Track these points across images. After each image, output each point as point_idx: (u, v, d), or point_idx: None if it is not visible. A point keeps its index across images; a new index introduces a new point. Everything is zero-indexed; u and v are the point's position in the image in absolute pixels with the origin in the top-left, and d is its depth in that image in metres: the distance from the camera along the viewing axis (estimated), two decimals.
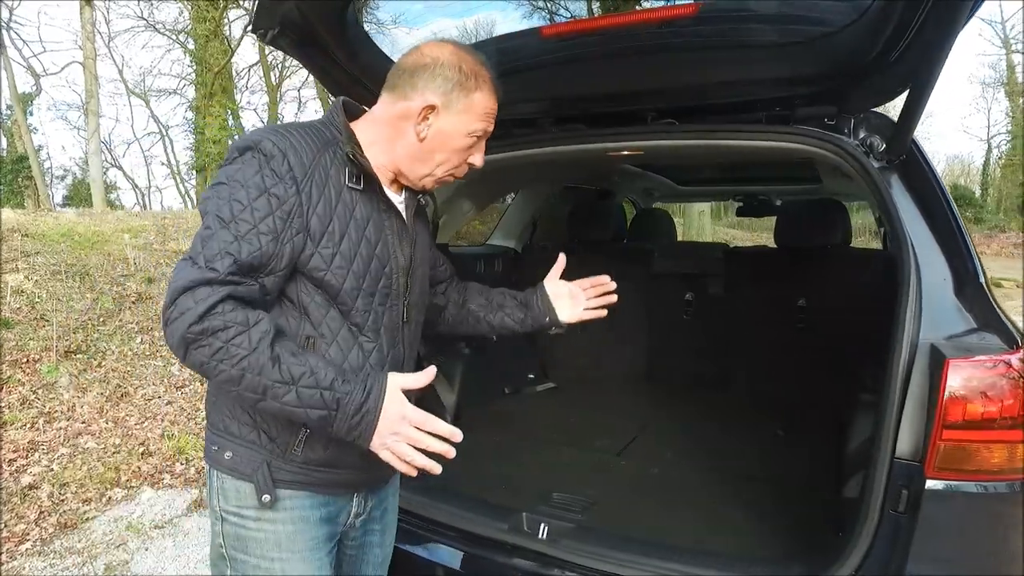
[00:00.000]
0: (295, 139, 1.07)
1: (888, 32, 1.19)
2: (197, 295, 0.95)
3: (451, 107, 1.13)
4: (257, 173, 1.03)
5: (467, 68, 1.14)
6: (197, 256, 0.99)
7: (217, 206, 1.02)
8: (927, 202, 1.32)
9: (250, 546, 1.13)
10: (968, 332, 1.16)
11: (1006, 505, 1.10)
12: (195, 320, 0.94)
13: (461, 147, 1.17)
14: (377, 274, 1.14)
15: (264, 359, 0.96)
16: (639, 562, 1.29)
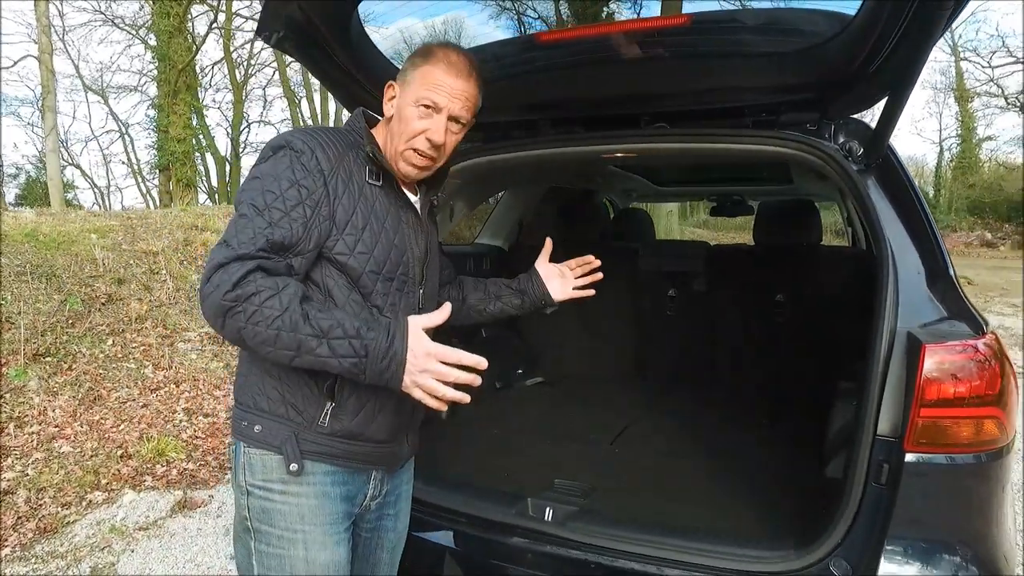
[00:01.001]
0: (322, 138, 1.20)
1: (869, 45, 1.29)
2: (230, 269, 1.04)
3: (404, 83, 1.25)
4: (288, 167, 1.14)
5: (422, 48, 1.27)
6: (231, 239, 1.08)
7: (251, 196, 1.12)
8: (901, 202, 1.44)
9: (275, 518, 1.19)
10: (940, 320, 1.28)
11: (973, 474, 1.22)
12: (229, 288, 1.03)
13: (412, 117, 1.22)
14: (396, 261, 1.23)
15: (296, 316, 1.04)
16: (641, 539, 1.38)
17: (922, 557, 1.20)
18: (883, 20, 1.23)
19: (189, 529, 3.08)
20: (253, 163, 1.23)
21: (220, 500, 3.37)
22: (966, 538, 1.22)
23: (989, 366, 1.19)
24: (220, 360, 5.72)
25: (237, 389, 1.26)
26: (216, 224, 8.18)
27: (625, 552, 1.36)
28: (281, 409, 1.19)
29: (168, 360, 5.51)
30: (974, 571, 1.19)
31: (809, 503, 1.53)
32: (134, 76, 21.54)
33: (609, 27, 1.68)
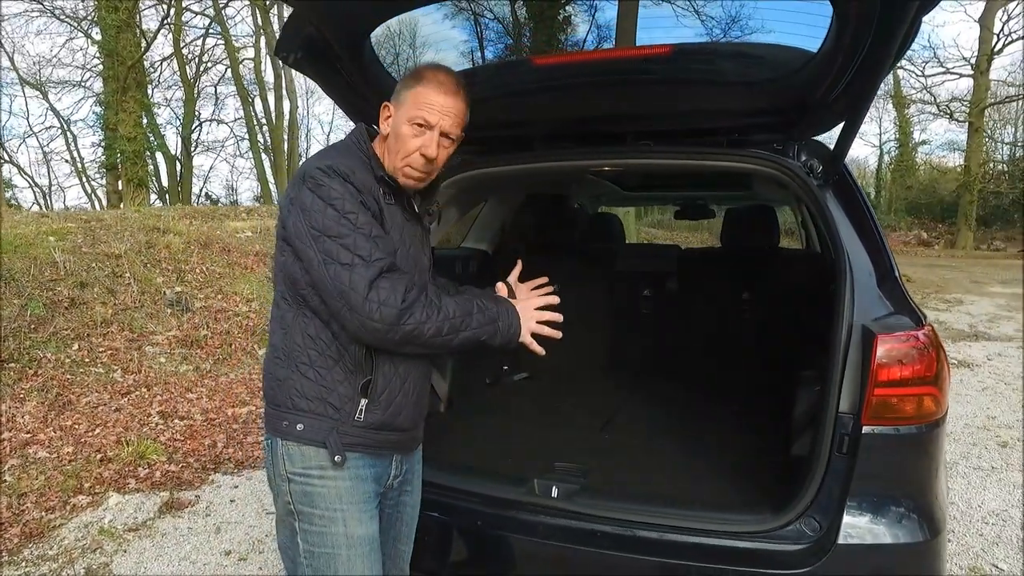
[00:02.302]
0: (346, 162, 1.31)
1: (829, 78, 1.51)
2: (380, 285, 1.21)
3: (398, 104, 1.37)
4: (344, 192, 1.26)
5: (415, 71, 1.38)
6: (354, 259, 1.21)
7: (336, 220, 1.23)
8: (854, 212, 1.67)
9: (316, 500, 1.32)
10: (888, 315, 1.51)
11: (915, 441, 1.47)
12: (400, 301, 1.22)
13: (408, 135, 1.33)
14: (412, 272, 1.36)
15: (452, 309, 1.29)
16: (640, 509, 1.57)
17: (875, 509, 1.44)
18: (841, 57, 1.45)
19: (180, 529, 3.13)
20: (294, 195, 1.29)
21: (207, 500, 3.42)
22: (909, 492, 1.48)
23: (928, 353, 1.43)
24: (190, 363, 5.70)
25: (271, 392, 1.37)
26: (178, 226, 8.07)
27: (627, 521, 1.55)
28: (320, 408, 1.32)
29: (137, 364, 5.46)
30: (915, 516, 1.45)
31: (779, 476, 1.76)
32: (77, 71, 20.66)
33: (600, 54, 1.86)
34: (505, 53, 2.28)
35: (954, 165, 25.50)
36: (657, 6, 1.96)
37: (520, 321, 1.37)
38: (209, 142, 27.34)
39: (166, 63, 23.23)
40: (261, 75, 25.11)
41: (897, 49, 1.32)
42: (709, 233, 17.01)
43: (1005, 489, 3.51)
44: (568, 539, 1.57)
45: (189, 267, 7.01)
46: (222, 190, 30.70)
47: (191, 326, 6.16)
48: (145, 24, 19.58)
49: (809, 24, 1.51)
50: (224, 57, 24.42)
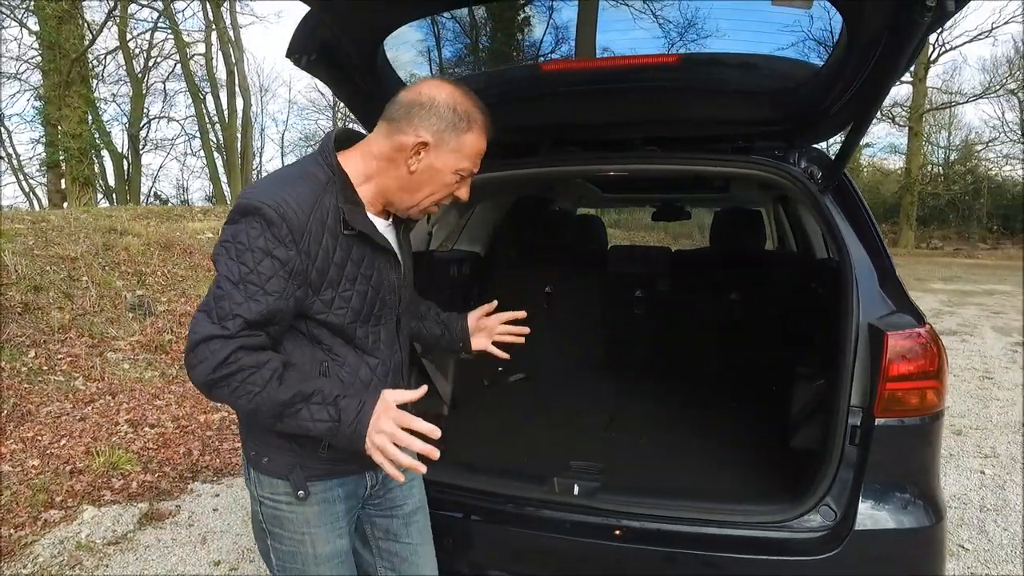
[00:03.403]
0: (290, 196, 1.17)
1: (834, 90, 1.59)
2: (212, 347, 1.11)
3: (442, 146, 1.23)
4: (260, 236, 1.14)
5: (461, 110, 1.24)
6: (211, 312, 1.14)
7: (227, 267, 1.15)
8: (855, 217, 1.76)
9: (284, 523, 1.33)
10: (891, 313, 1.60)
11: (919, 432, 1.57)
12: (211, 370, 1.11)
13: (448, 183, 1.27)
14: (373, 302, 1.29)
15: (274, 391, 1.12)
16: (663, 504, 1.63)
17: (886, 497, 1.54)
18: (847, 70, 1.53)
19: (163, 540, 3.04)
20: (224, 221, 1.21)
21: (189, 510, 3.33)
22: (914, 479, 1.58)
23: (930, 348, 1.53)
24: (155, 369, 5.51)
25: (243, 420, 1.34)
26: (136, 228, 7.78)
27: (651, 515, 1.61)
28: (284, 442, 1.28)
29: (100, 371, 5.25)
30: (921, 503, 1.55)
31: (787, 467, 1.84)
32: (11, 62, 19.58)
33: (608, 62, 1.90)
34: (463, 53, 2.29)
35: (895, 168, 26.77)
36: (615, 8, 2.00)
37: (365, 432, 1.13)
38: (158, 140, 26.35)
39: (111, 57, 22.28)
40: (213, 71, 24.37)
41: (904, 64, 1.40)
42: (665, 233, 17.41)
43: (963, 475, 3.73)
44: (594, 535, 1.61)
45: (150, 270, 6.77)
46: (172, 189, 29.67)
47: (155, 330, 5.96)
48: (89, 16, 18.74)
49: (816, 38, 1.59)
50: (174, 52, 23.60)
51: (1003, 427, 4.55)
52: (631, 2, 1.92)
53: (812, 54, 1.65)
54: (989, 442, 4.24)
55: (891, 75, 1.43)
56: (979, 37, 23.34)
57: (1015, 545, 2.92)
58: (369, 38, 1.72)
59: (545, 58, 2.16)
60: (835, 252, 1.76)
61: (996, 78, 25.05)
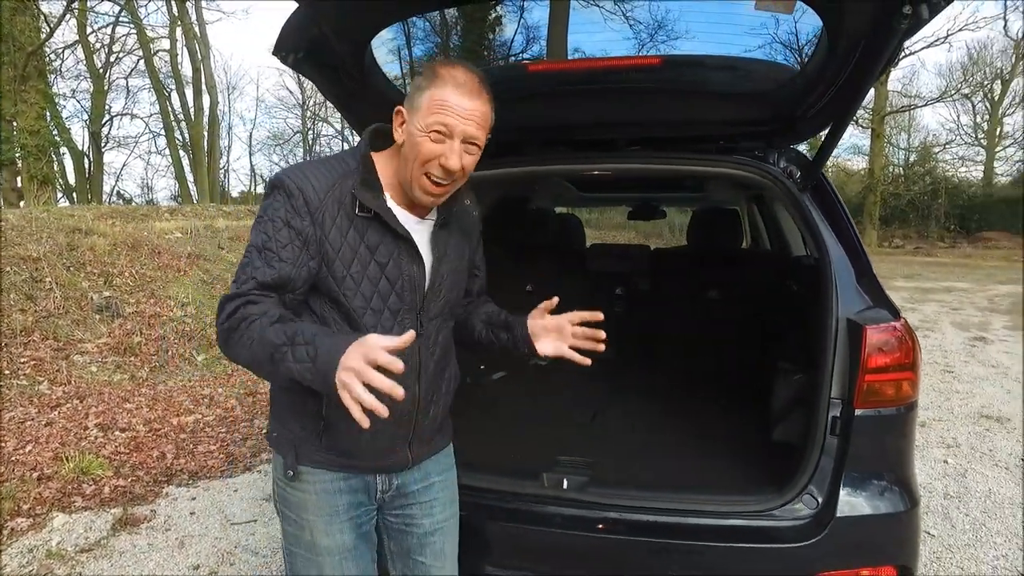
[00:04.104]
0: (313, 175, 1.25)
1: (813, 93, 1.65)
2: (227, 306, 1.20)
3: (412, 111, 1.24)
4: (281, 207, 1.23)
5: (429, 70, 1.24)
6: (237, 277, 1.23)
7: (254, 236, 1.25)
8: (833, 215, 1.82)
9: (288, 504, 1.38)
10: (868, 308, 1.66)
11: (895, 422, 1.63)
12: (222, 321, 1.19)
13: (425, 143, 1.22)
14: (386, 293, 1.27)
15: (267, 334, 1.14)
16: (652, 496, 1.66)
17: (865, 484, 1.60)
18: (826, 74, 1.58)
19: (138, 546, 2.97)
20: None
21: (165, 514, 3.26)
22: (891, 466, 1.64)
23: (906, 341, 1.59)
24: (124, 372, 5.38)
25: (271, 397, 1.43)
26: (101, 227, 7.57)
27: (640, 507, 1.64)
28: (291, 424, 1.35)
29: (66, 374, 5.11)
30: (897, 489, 1.62)
31: (769, 458, 1.89)
32: None
33: (593, 63, 1.93)
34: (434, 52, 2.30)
35: (859, 168, 27.54)
36: (586, 9, 2.03)
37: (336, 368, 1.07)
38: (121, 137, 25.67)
39: (70, 51, 21.61)
40: (178, 68, 23.83)
41: (881, 68, 1.46)
42: (636, 232, 17.64)
43: (928, 464, 3.87)
44: (584, 528, 1.64)
45: (117, 270, 6.60)
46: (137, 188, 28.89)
47: (123, 332, 5.82)
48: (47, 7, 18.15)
49: (797, 42, 1.64)
50: (136, 47, 23.00)
51: (963, 418, 4.73)
52: (602, 3, 1.95)
53: (792, 57, 1.70)
54: (951, 433, 4.41)
55: (869, 78, 1.49)
56: (936, 43, 24.15)
57: (975, 530, 3.05)
58: (358, 37, 1.71)
59: (517, 57, 2.18)
60: (814, 249, 1.82)
61: (951, 83, 26.01)
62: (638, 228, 17.34)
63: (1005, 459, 3.94)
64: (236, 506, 3.35)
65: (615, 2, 1.95)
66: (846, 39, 1.43)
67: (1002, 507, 3.29)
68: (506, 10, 2.16)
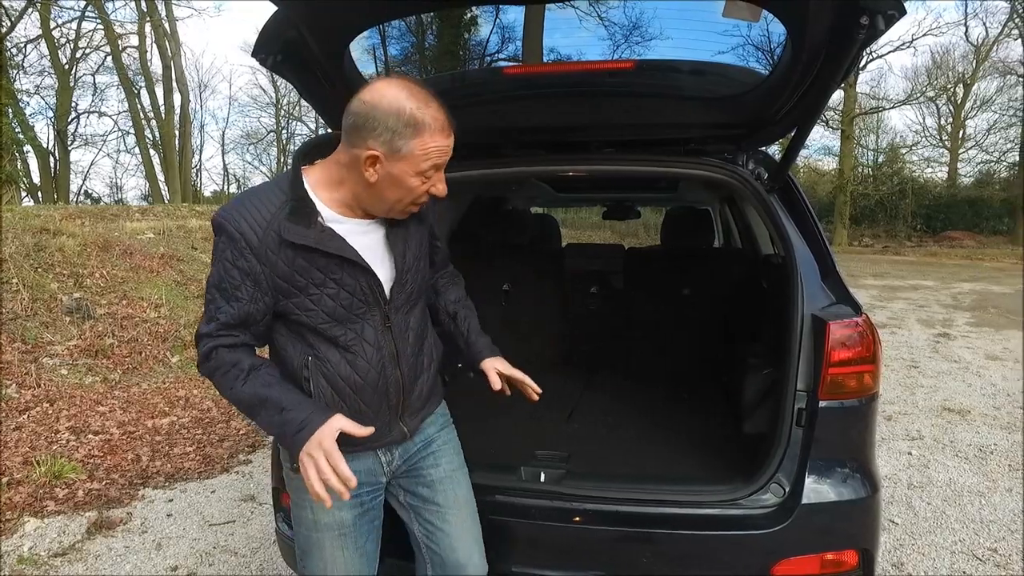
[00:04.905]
0: (250, 213, 1.28)
1: (780, 97, 1.71)
2: (202, 343, 1.32)
3: (394, 155, 1.23)
4: (226, 249, 1.28)
5: (406, 115, 1.21)
6: (205, 312, 1.33)
7: (212, 273, 1.32)
8: (799, 215, 1.89)
9: (293, 488, 1.49)
10: (831, 305, 1.73)
11: (857, 413, 1.71)
12: (200, 363, 1.33)
13: (414, 185, 1.27)
14: (348, 303, 1.34)
15: (240, 390, 1.29)
16: (625, 487, 1.72)
17: (829, 471, 1.67)
18: (792, 79, 1.64)
19: (115, 549, 2.95)
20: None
21: (141, 516, 3.24)
22: (853, 455, 1.72)
23: (867, 336, 1.67)
24: (96, 374, 5.29)
25: None
26: (70, 227, 7.42)
27: (615, 498, 1.69)
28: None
29: (35, 377, 5.00)
30: (859, 476, 1.69)
31: (739, 450, 1.96)
32: None
33: (566, 66, 1.97)
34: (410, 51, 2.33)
35: (829, 169, 28.13)
36: (562, 10, 2.07)
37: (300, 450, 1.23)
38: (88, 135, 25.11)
39: (33, 46, 21.08)
40: (147, 65, 23.40)
41: (842, 75, 1.53)
42: (612, 231, 17.83)
43: (893, 456, 4.00)
44: (561, 519, 1.69)
45: (88, 271, 6.48)
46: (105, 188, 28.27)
47: (94, 334, 5.72)
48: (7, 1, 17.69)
49: (764, 48, 1.71)
50: (104, 44, 22.53)
51: (927, 411, 4.89)
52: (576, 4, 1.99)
53: (763, 59, 1.77)
54: (915, 426, 4.56)
55: (830, 84, 1.56)
56: (901, 47, 24.82)
57: (936, 517, 3.17)
58: (336, 40, 1.73)
59: (493, 58, 2.21)
60: (781, 248, 1.89)
61: (917, 86, 26.72)
62: (614, 227, 17.52)
63: (965, 450, 4.09)
64: (214, 507, 3.34)
65: (590, 3, 1.99)
66: (809, 47, 1.50)
67: (961, 495, 3.42)
68: (482, 11, 2.19)
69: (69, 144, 22.66)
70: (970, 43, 26.02)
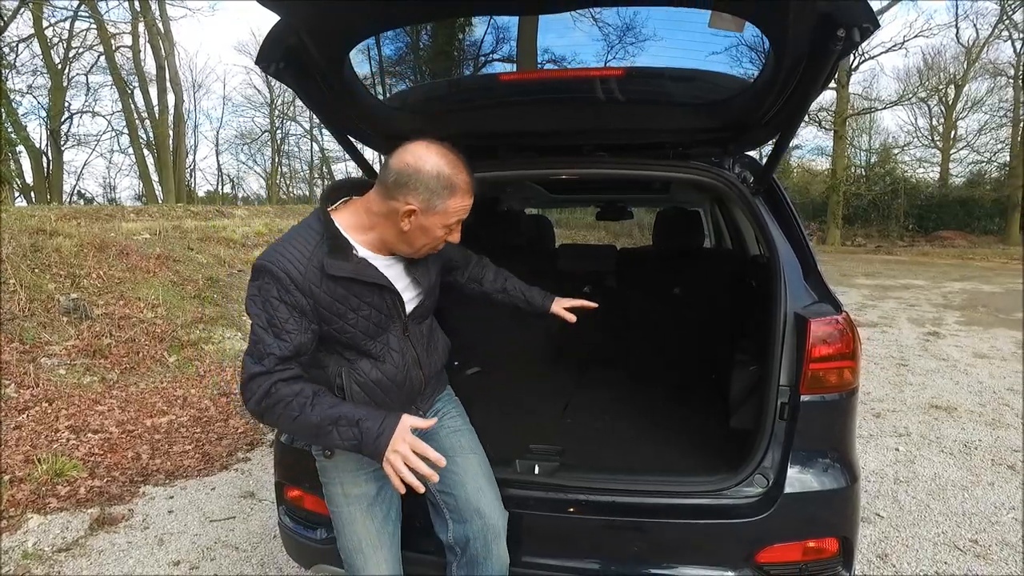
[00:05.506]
0: (290, 254, 1.45)
1: (764, 103, 1.78)
2: (256, 383, 1.41)
3: (429, 210, 1.46)
4: (272, 288, 1.43)
5: (444, 178, 1.45)
6: (253, 353, 1.43)
7: (256, 316, 1.44)
8: (783, 217, 1.96)
9: (325, 470, 1.70)
10: (814, 303, 1.81)
11: (837, 406, 1.78)
12: (257, 402, 1.41)
13: (439, 235, 1.52)
14: (377, 319, 1.56)
15: (308, 416, 1.40)
16: (616, 478, 1.79)
17: (810, 462, 1.75)
18: (775, 86, 1.72)
19: (117, 544, 3.00)
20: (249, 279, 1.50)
21: (142, 513, 3.29)
22: (834, 447, 1.79)
23: (847, 333, 1.74)
24: (94, 374, 5.33)
25: None
26: (66, 228, 7.44)
27: (607, 489, 1.76)
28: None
29: (33, 377, 5.04)
30: (839, 467, 1.77)
31: (726, 442, 2.04)
32: None
33: (560, 73, 2.04)
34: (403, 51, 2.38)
35: (823, 169, 28.30)
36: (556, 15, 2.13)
37: (383, 452, 1.38)
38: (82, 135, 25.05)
39: (25, 45, 21.00)
40: (141, 64, 23.34)
41: (822, 83, 1.60)
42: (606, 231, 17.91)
43: (881, 452, 4.09)
44: (555, 509, 1.76)
45: (85, 272, 6.51)
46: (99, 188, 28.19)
47: (92, 335, 5.75)
48: None
49: (749, 57, 1.78)
50: (97, 43, 22.47)
51: (915, 408, 4.98)
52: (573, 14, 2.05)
53: (746, 70, 1.84)
54: (903, 423, 4.65)
55: (811, 92, 1.63)
56: (893, 48, 25.03)
57: (921, 511, 3.26)
58: (336, 47, 1.79)
59: (487, 58, 2.28)
60: (765, 249, 1.96)
61: (909, 87, 26.93)
62: (607, 228, 17.59)
63: (950, 446, 4.18)
64: (214, 504, 3.39)
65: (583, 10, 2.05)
66: (790, 57, 1.57)
67: (945, 489, 3.51)
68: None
69: (62, 144, 22.59)
70: (961, 44, 26.27)
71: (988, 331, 8.12)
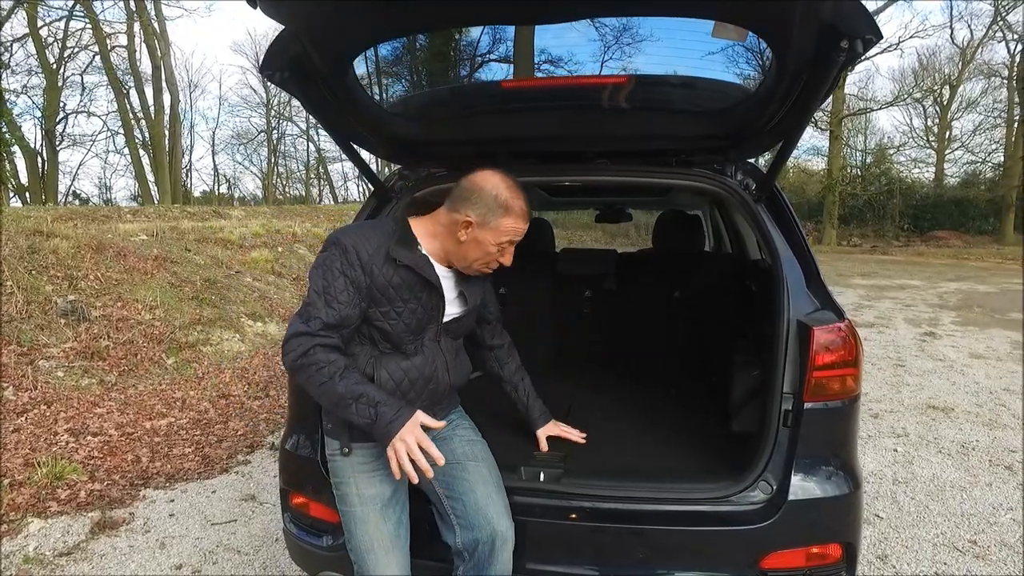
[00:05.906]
0: (365, 236, 1.62)
1: (767, 112, 1.79)
2: (299, 340, 1.55)
3: (485, 225, 1.61)
4: (337, 260, 1.58)
5: (502, 199, 1.62)
6: (303, 314, 1.57)
7: (315, 282, 1.58)
8: (785, 224, 1.97)
9: (338, 471, 1.74)
10: (816, 310, 1.82)
11: (840, 414, 1.79)
12: (296, 358, 1.54)
13: (491, 251, 1.65)
14: (421, 317, 1.68)
15: (334, 385, 1.53)
16: (621, 485, 1.80)
17: (813, 469, 1.76)
18: (776, 96, 1.73)
19: (119, 548, 3.00)
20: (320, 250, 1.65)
21: (143, 516, 3.29)
22: (837, 453, 1.80)
23: (849, 340, 1.76)
24: (93, 376, 5.32)
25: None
26: (63, 229, 7.42)
27: (611, 496, 1.77)
28: (338, 419, 1.69)
29: (31, 380, 5.03)
30: (842, 474, 1.78)
31: (728, 449, 2.05)
32: None
33: (563, 80, 2.04)
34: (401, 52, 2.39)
35: (819, 169, 28.40)
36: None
37: (392, 437, 1.51)
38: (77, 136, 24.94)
39: (20, 45, 20.90)
40: (136, 65, 23.27)
41: (824, 93, 1.62)
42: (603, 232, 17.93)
43: (879, 453, 4.11)
44: (560, 517, 1.77)
45: (82, 273, 6.49)
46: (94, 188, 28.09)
47: (90, 337, 5.74)
48: None
49: (752, 66, 1.79)
50: (92, 43, 22.38)
51: (912, 409, 5.01)
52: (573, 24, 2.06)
53: (748, 79, 1.85)
54: (901, 423, 4.68)
55: (814, 101, 1.64)
56: (888, 49, 25.12)
57: (920, 511, 3.28)
58: (339, 56, 1.79)
59: (484, 57, 2.28)
60: (768, 256, 1.97)
61: (904, 87, 27.05)
62: (606, 229, 17.60)
63: (948, 446, 4.21)
64: (215, 507, 3.39)
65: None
66: (793, 66, 1.58)
67: (943, 490, 3.53)
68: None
69: (57, 144, 22.50)
70: (956, 45, 26.43)
71: (984, 331, 8.17)
